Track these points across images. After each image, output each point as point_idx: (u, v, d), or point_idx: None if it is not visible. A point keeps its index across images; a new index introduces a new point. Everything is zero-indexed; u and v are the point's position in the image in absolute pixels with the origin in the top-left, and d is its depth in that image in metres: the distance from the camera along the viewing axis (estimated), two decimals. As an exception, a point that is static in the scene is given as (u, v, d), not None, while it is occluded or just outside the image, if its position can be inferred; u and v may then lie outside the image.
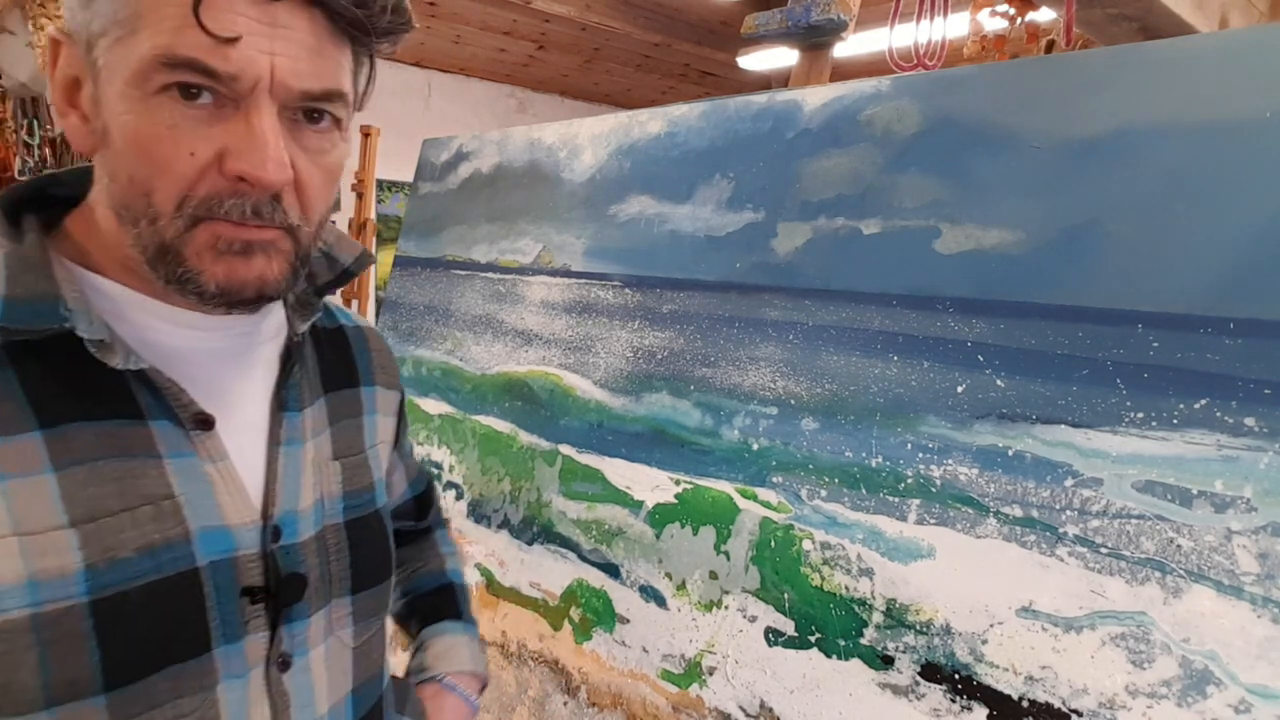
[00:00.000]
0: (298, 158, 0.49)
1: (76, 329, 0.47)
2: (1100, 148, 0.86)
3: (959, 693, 0.89)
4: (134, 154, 0.46)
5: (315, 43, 0.48)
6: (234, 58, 0.44)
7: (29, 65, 3.25)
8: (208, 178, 0.47)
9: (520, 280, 1.50)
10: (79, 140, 0.50)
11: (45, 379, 0.48)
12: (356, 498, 0.66)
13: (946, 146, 0.98)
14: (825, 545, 1.02)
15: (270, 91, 0.46)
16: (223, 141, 0.46)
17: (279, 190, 0.49)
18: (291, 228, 0.51)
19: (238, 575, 0.54)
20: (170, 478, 0.51)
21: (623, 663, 1.20)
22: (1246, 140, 0.77)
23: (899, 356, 0.98)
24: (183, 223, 0.48)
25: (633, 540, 1.23)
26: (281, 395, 0.60)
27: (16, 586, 0.45)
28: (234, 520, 0.55)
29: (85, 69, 0.48)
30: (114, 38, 0.45)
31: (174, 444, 0.52)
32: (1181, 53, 0.84)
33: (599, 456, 1.29)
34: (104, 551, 0.48)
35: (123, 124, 0.46)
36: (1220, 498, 0.76)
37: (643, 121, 1.34)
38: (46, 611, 0.46)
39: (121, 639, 0.48)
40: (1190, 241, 0.80)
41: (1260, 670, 0.73)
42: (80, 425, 0.48)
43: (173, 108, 0.45)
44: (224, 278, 0.49)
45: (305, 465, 0.61)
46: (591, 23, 4.95)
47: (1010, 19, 2.84)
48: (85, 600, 0.47)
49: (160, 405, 0.52)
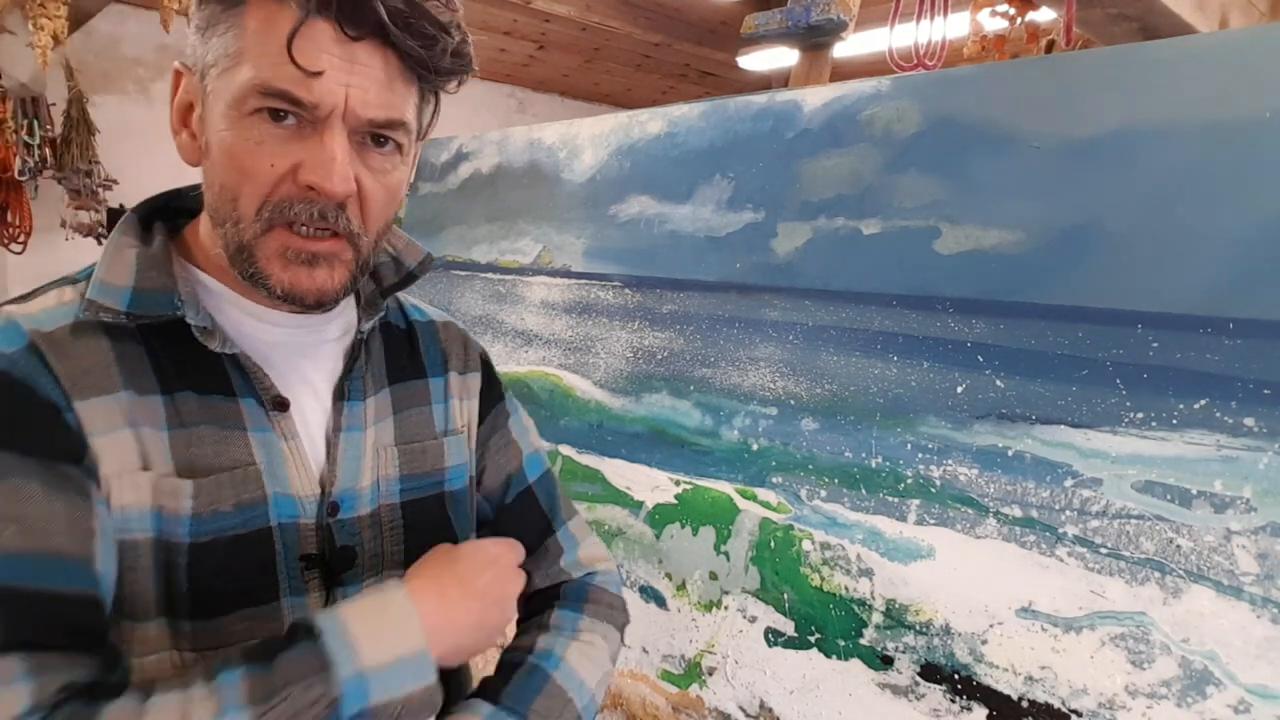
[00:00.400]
0: (363, 175, 0.57)
1: (186, 317, 0.57)
2: (1100, 148, 0.86)
3: (959, 693, 0.89)
4: (227, 164, 0.56)
5: (386, 78, 0.56)
6: (316, 89, 0.53)
7: (29, 65, 3.24)
8: (283, 186, 0.55)
9: (520, 280, 1.50)
10: (186, 154, 0.60)
11: (165, 355, 0.59)
12: (416, 480, 0.71)
13: (946, 146, 0.98)
14: (825, 545, 1.02)
15: (343, 118, 0.55)
16: (299, 156, 0.55)
17: (343, 200, 0.56)
18: (352, 235, 0.58)
19: (299, 540, 0.62)
20: (253, 448, 0.61)
21: (623, 663, 1.20)
22: (1246, 140, 0.77)
23: (899, 357, 0.98)
24: (260, 225, 0.56)
25: (633, 540, 1.22)
26: (343, 386, 0.67)
27: (145, 513, 0.56)
28: (299, 492, 0.63)
29: (198, 95, 0.58)
30: (222, 68, 0.55)
31: (257, 420, 0.61)
32: (1181, 53, 0.84)
33: (599, 457, 1.29)
34: (209, 504, 0.58)
35: (221, 139, 0.55)
36: (1220, 498, 0.76)
37: (643, 121, 1.34)
38: (161, 540, 0.56)
39: (208, 579, 0.58)
40: (1190, 241, 0.80)
41: (1260, 670, 0.73)
42: (188, 395, 0.59)
43: (262, 127, 0.54)
44: (288, 284, 0.58)
45: (365, 449, 0.68)
46: (591, 23, 4.95)
47: (1010, 19, 2.84)
48: (186, 542, 0.57)
49: (248, 386, 0.61)
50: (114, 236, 0.62)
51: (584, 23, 4.95)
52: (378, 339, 0.73)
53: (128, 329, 0.58)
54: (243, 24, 0.54)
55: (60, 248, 4.28)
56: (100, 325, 0.57)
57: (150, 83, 4.71)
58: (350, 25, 0.53)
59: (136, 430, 0.56)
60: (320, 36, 0.53)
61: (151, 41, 4.65)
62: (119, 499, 0.55)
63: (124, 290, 0.57)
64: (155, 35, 4.49)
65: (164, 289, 0.58)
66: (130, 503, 0.55)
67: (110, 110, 4.38)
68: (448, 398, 0.77)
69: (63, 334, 0.56)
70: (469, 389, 0.79)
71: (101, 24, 4.39)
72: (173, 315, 0.57)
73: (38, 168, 3.68)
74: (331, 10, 0.52)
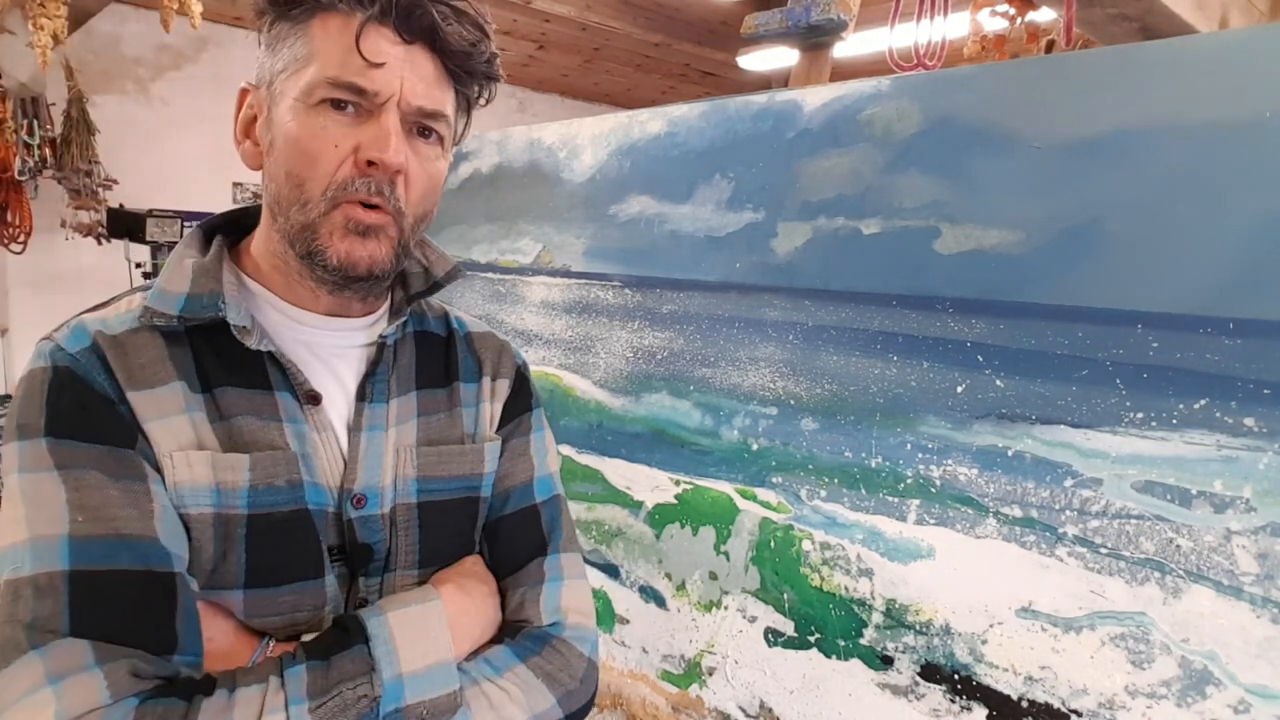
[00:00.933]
0: (410, 158, 0.64)
1: (227, 317, 0.64)
2: (1100, 148, 0.86)
3: (959, 693, 0.89)
4: (293, 151, 0.63)
5: (433, 77, 0.65)
6: (377, 79, 0.62)
7: (29, 65, 3.24)
8: (345, 166, 0.62)
9: (520, 280, 1.50)
10: (249, 159, 0.68)
11: (210, 354, 0.65)
12: (436, 482, 0.74)
13: (946, 146, 0.98)
14: (825, 545, 1.02)
15: (398, 104, 0.63)
16: (359, 139, 0.62)
17: (396, 174, 0.63)
18: (399, 212, 0.65)
19: (327, 529, 0.67)
20: (289, 438, 0.66)
21: (623, 663, 1.20)
22: (1246, 140, 0.77)
23: (899, 356, 0.98)
24: (325, 205, 0.63)
25: (632, 540, 1.22)
26: (365, 388, 0.71)
27: (208, 489, 0.62)
28: (327, 482, 0.68)
29: (263, 104, 0.66)
30: (291, 71, 0.63)
31: (292, 412, 0.67)
32: (1181, 53, 0.84)
33: (599, 457, 1.29)
34: (265, 477, 0.64)
35: (287, 130, 0.63)
36: (1220, 498, 0.76)
37: (643, 121, 1.34)
38: (221, 513, 0.62)
39: (262, 550, 0.63)
40: (1190, 241, 0.80)
41: (1260, 670, 0.73)
42: (228, 389, 0.65)
43: (326, 115, 0.62)
44: (344, 254, 0.64)
45: (386, 449, 0.71)
46: (591, 23, 4.95)
47: (1010, 19, 2.84)
48: (245, 513, 0.63)
49: (284, 380, 0.67)
50: (178, 249, 0.69)
51: (584, 23, 4.95)
52: (409, 345, 0.78)
53: (178, 332, 0.65)
54: (310, 33, 0.63)
55: (60, 248, 4.28)
56: (155, 328, 0.64)
57: (150, 82, 4.71)
58: (406, 30, 0.62)
59: (190, 416, 0.63)
60: (380, 39, 0.62)
61: (151, 41, 4.65)
62: (174, 476, 0.61)
63: (179, 296, 0.64)
64: (155, 35, 4.49)
65: (211, 293, 0.65)
66: (186, 479, 0.61)
67: (110, 110, 4.38)
68: (479, 402, 0.80)
69: (125, 335, 0.63)
70: (496, 393, 0.81)
71: (101, 24, 4.39)
72: (216, 316, 0.64)
73: (38, 168, 3.68)
74: (391, 17, 0.62)
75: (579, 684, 0.70)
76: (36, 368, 0.61)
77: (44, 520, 0.56)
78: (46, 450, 0.58)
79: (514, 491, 0.78)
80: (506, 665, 0.67)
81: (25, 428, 0.59)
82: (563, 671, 0.69)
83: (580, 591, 0.76)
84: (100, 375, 0.60)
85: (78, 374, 0.60)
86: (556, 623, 0.72)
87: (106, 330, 0.63)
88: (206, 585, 0.62)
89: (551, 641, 0.71)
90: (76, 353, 0.61)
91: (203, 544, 0.61)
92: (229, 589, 0.63)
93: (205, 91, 4.85)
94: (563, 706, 0.68)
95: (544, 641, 0.70)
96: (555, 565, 0.76)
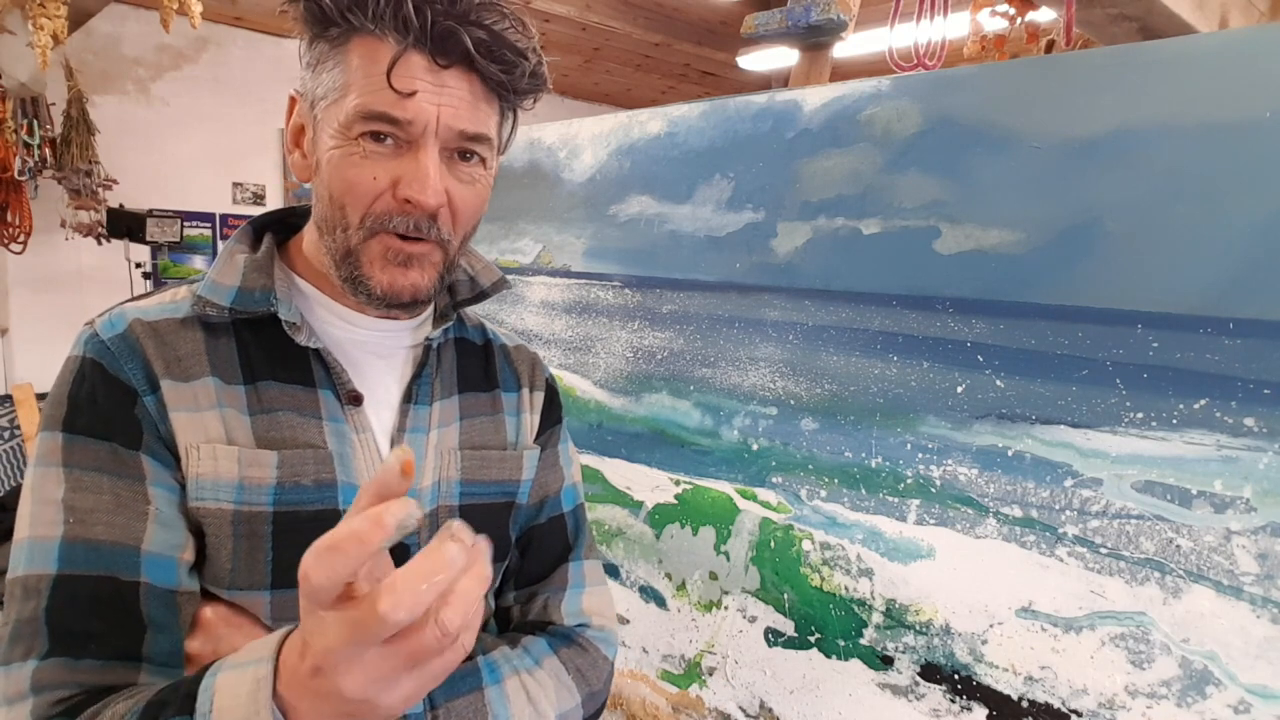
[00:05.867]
0: (452, 185, 0.64)
1: (278, 312, 0.65)
2: (1100, 148, 0.86)
3: (959, 693, 0.89)
4: (335, 178, 0.63)
5: (471, 98, 0.63)
6: (410, 108, 0.60)
7: (29, 65, 3.24)
8: (383, 198, 0.62)
9: (520, 280, 1.50)
10: (299, 170, 0.68)
11: (255, 347, 0.66)
12: (478, 486, 0.74)
13: (946, 146, 0.98)
14: (825, 545, 1.02)
15: (436, 134, 0.61)
16: (398, 172, 0.61)
17: (435, 212, 0.63)
18: (443, 242, 0.65)
19: None
20: (327, 436, 0.66)
21: (622, 663, 1.20)
22: (1246, 140, 0.77)
23: (899, 356, 0.98)
24: (364, 233, 0.63)
25: (632, 540, 1.22)
26: (411, 389, 0.72)
27: (231, 484, 0.61)
28: (363, 483, 0.65)
29: (309, 120, 0.65)
30: (331, 100, 0.62)
31: (333, 411, 0.67)
32: (1181, 53, 0.84)
33: (599, 457, 1.29)
34: (292, 475, 0.63)
35: (330, 157, 0.63)
36: (1220, 498, 0.76)
37: (643, 121, 1.34)
38: (244, 510, 0.61)
39: (289, 548, 0.62)
40: (1190, 241, 0.80)
41: (1260, 670, 0.73)
42: (270, 384, 0.65)
43: (366, 146, 0.61)
44: (387, 284, 0.64)
45: (428, 450, 0.72)
46: (591, 23, 4.95)
47: (1010, 19, 2.84)
48: (270, 510, 0.62)
49: (327, 378, 0.67)
50: (229, 244, 0.70)
51: (584, 23, 4.95)
52: (451, 350, 0.78)
53: (224, 324, 0.66)
54: (347, 60, 0.61)
55: (60, 247, 4.29)
56: (199, 321, 0.65)
57: (150, 82, 4.71)
58: (441, 55, 0.60)
59: (221, 411, 0.63)
60: (415, 66, 0.60)
61: (151, 41, 4.65)
62: (197, 468, 0.61)
63: (231, 289, 0.65)
64: (155, 35, 4.50)
65: (263, 288, 0.65)
66: (209, 472, 0.61)
67: (110, 110, 4.38)
68: (519, 412, 0.81)
69: (165, 325, 0.64)
70: (534, 405, 0.83)
71: (101, 24, 4.39)
72: (267, 310, 0.65)
73: (38, 168, 3.68)
74: (426, 43, 0.60)
75: (602, 686, 0.74)
76: (71, 355, 0.62)
77: (43, 520, 0.57)
78: (57, 445, 0.59)
79: (548, 501, 0.81)
80: (540, 656, 0.71)
81: (48, 419, 0.60)
82: (590, 670, 0.73)
83: (603, 597, 0.80)
84: (130, 363, 0.61)
85: (102, 365, 0.60)
86: (583, 624, 0.76)
87: (145, 318, 0.63)
88: (231, 586, 0.62)
89: (579, 640, 0.74)
90: (109, 339, 0.61)
91: (220, 541, 0.61)
92: (256, 589, 0.62)
93: (205, 92, 4.85)
94: (585, 708, 0.71)
95: (572, 639, 0.74)
96: (579, 571, 0.80)
